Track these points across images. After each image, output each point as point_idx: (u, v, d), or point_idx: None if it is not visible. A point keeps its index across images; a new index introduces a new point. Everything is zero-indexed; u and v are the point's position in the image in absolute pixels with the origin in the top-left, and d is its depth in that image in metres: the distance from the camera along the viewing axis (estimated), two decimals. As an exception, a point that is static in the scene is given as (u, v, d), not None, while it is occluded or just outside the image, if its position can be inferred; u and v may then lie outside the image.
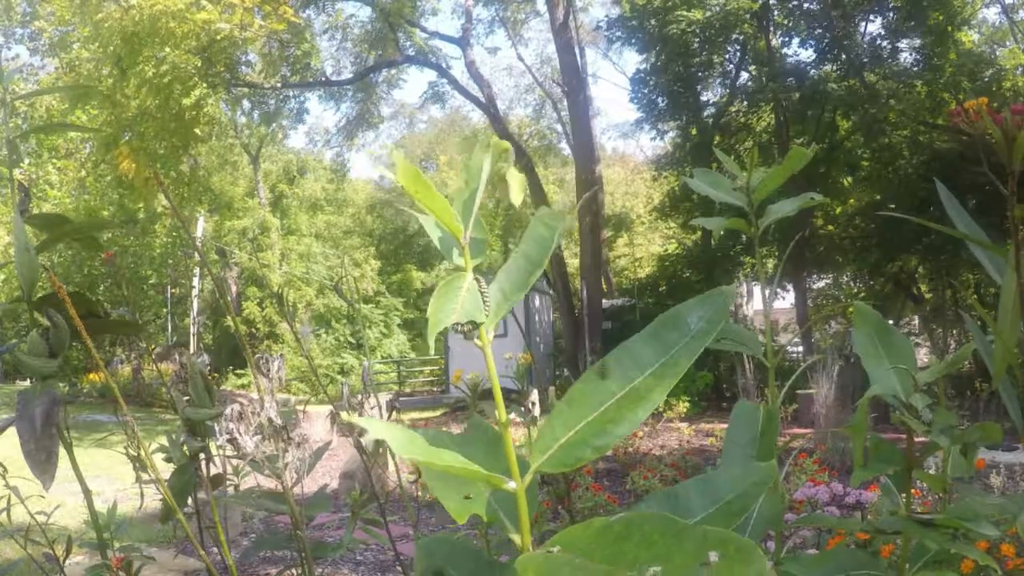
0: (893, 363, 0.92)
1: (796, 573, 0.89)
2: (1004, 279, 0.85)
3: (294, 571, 1.45)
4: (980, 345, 0.89)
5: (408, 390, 20.37)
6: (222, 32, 11.13)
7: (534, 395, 1.50)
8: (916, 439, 0.90)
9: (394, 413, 1.55)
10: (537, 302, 17.63)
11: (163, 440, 1.41)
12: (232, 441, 1.02)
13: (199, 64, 11.30)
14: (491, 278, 0.54)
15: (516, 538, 0.53)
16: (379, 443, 1.51)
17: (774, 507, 0.91)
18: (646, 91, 14.77)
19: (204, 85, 11.52)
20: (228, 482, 1.52)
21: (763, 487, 0.54)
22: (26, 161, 17.42)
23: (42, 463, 0.98)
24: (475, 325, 0.51)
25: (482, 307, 0.52)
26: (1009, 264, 0.83)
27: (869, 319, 0.99)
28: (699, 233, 15.68)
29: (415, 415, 13.06)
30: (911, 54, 13.50)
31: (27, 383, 1.07)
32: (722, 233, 12.54)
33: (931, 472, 1.14)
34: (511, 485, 0.52)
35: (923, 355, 12.22)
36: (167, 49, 10.78)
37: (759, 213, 1.08)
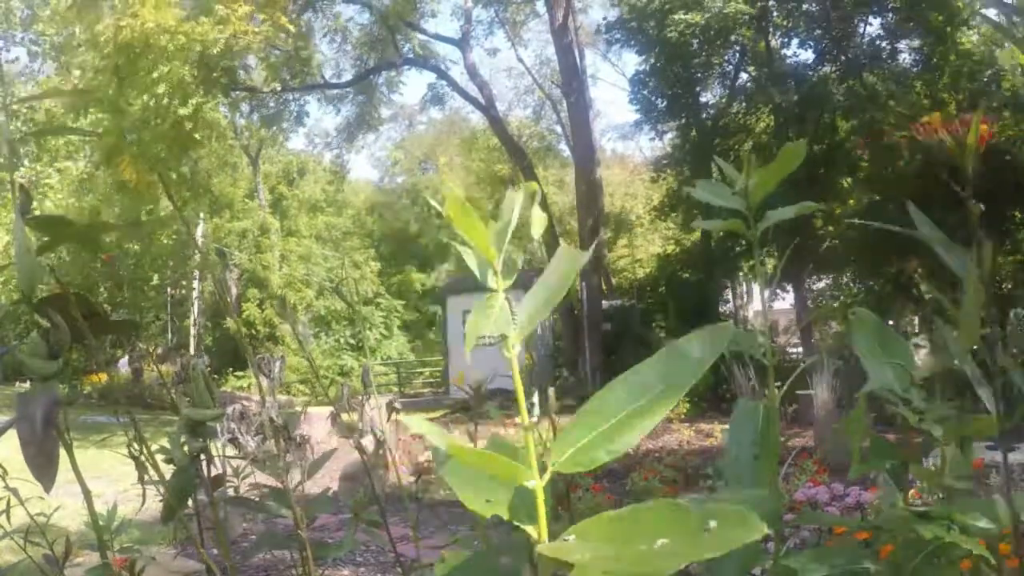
0: (891, 362, 0.94)
1: (795, 567, 0.89)
2: (966, 275, 0.91)
3: (295, 572, 1.45)
4: (948, 341, 0.92)
5: (410, 391, 20.37)
6: (217, 44, 11.15)
7: (534, 396, 1.49)
8: (913, 438, 0.91)
9: (393, 414, 1.55)
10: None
11: (165, 441, 1.41)
12: (233, 441, 1.02)
13: (195, 74, 11.31)
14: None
15: (532, 531, 0.60)
16: (380, 445, 1.51)
17: (773, 507, 0.91)
18: (645, 92, 14.79)
19: (201, 93, 11.53)
20: (229, 483, 1.52)
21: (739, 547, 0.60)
22: (26, 162, 17.43)
23: (42, 465, 0.98)
24: (504, 337, 0.60)
25: (511, 323, 0.60)
26: (970, 262, 0.90)
27: (868, 323, 1.02)
28: (698, 234, 15.68)
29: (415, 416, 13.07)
30: (910, 55, 13.52)
31: (28, 384, 1.08)
32: (721, 234, 12.56)
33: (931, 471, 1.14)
34: (531, 483, 0.58)
35: (923, 356, 12.19)
36: (161, 66, 10.81)
37: (757, 216, 1.09)
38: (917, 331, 14.25)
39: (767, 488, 0.93)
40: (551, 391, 2.13)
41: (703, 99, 15.76)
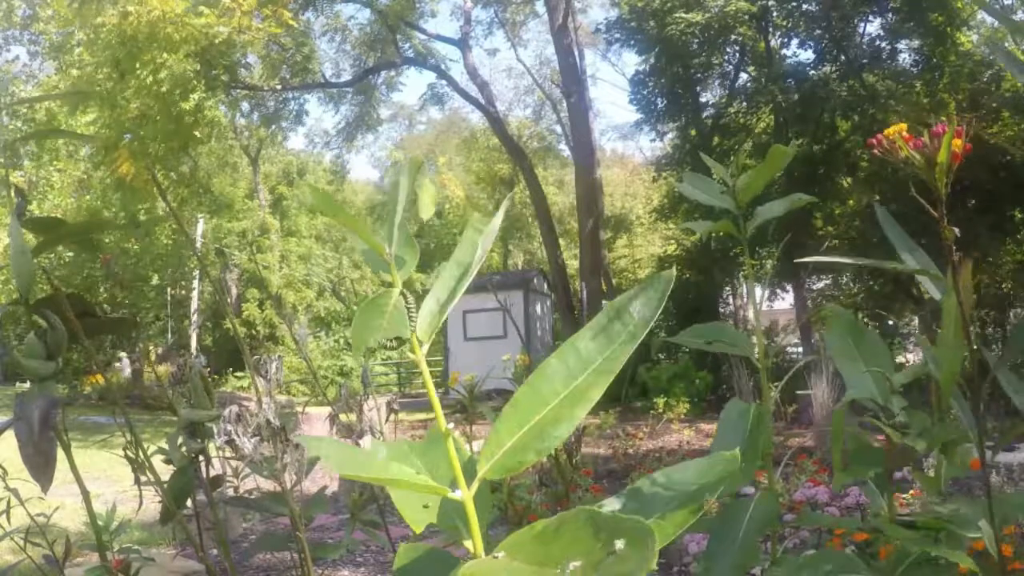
0: (868, 365, 0.93)
1: (784, 575, 0.89)
2: (944, 299, 0.86)
3: (295, 572, 1.45)
4: (928, 358, 0.89)
5: (410, 391, 20.36)
6: (220, 36, 11.14)
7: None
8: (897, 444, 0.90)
9: (392, 414, 1.55)
10: (536, 303, 17.64)
11: (165, 442, 1.41)
12: (230, 442, 1.02)
13: (197, 68, 11.31)
14: (496, 280, 0.54)
15: (469, 545, 0.54)
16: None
17: (769, 507, 0.91)
18: (645, 92, 14.79)
19: (203, 88, 11.52)
20: (228, 483, 1.52)
21: (725, 476, 0.55)
22: (26, 162, 17.43)
23: (40, 466, 0.98)
24: (401, 340, 0.51)
25: (408, 323, 0.52)
26: (948, 285, 0.84)
27: (842, 321, 1.00)
28: (698, 234, 15.67)
29: (415, 416, 13.06)
30: (910, 55, 13.52)
31: (27, 385, 1.08)
32: (720, 233, 12.51)
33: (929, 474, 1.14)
34: (457, 494, 0.52)
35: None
36: (165, 56, 10.78)
37: (747, 215, 1.09)
38: (918, 331, 14.25)
39: (747, 483, 0.92)
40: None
41: (703, 99, 15.76)
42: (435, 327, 0.52)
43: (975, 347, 0.84)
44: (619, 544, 0.44)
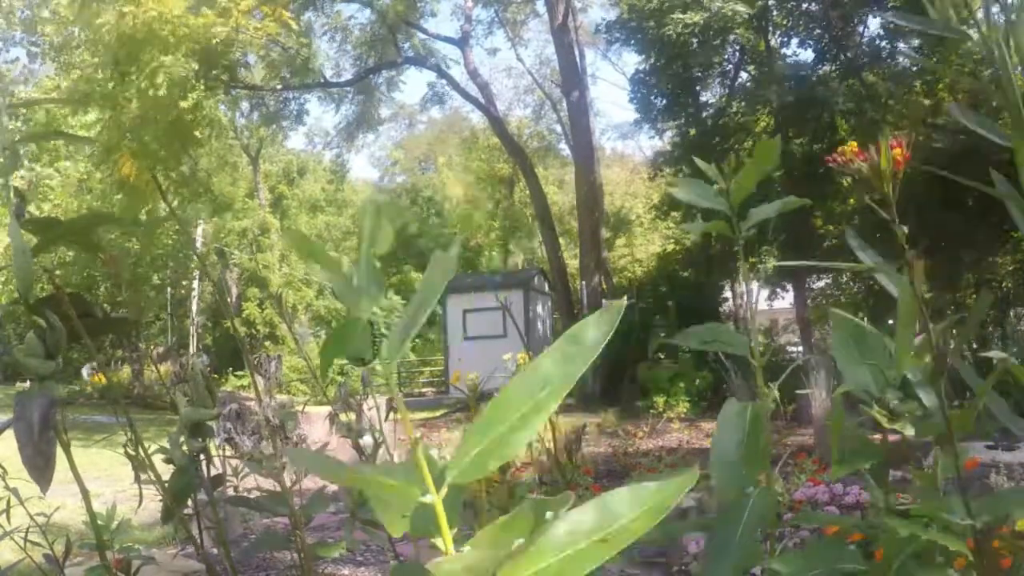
0: (867, 362, 0.95)
1: (782, 571, 0.89)
2: (899, 295, 0.95)
3: (295, 572, 1.45)
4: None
5: (411, 390, 20.38)
6: (219, 35, 11.14)
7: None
8: (897, 436, 0.92)
9: (392, 413, 1.55)
10: (537, 303, 17.65)
11: (166, 441, 1.41)
12: (230, 441, 1.02)
13: (196, 67, 11.30)
14: (497, 281, 0.57)
15: (439, 543, 0.59)
16: (378, 444, 1.51)
17: (768, 506, 0.91)
18: (645, 92, 14.79)
19: (202, 88, 11.52)
20: (228, 483, 1.52)
21: (682, 489, 0.61)
22: (26, 163, 17.42)
23: (39, 466, 0.98)
24: (364, 362, 0.57)
25: (369, 348, 0.59)
26: (903, 284, 0.94)
27: (846, 323, 1.02)
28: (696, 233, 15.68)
29: (415, 415, 13.07)
30: (910, 55, 13.53)
31: (27, 384, 1.08)
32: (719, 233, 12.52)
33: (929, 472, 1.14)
34: (428, 498, 0.56)
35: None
36: (163, 58, 10.78)
37: (741, 216, 1.09)
38: (918, 331, 14.25)
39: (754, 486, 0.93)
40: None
41: (703, 99, 15.76)
42: (399, 351, 0.57)
43: (932, 339, 0.94)
44: (548, 514, 0.52)
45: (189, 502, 1.44)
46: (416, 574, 0.61)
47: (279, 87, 14.72)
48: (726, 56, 14.62)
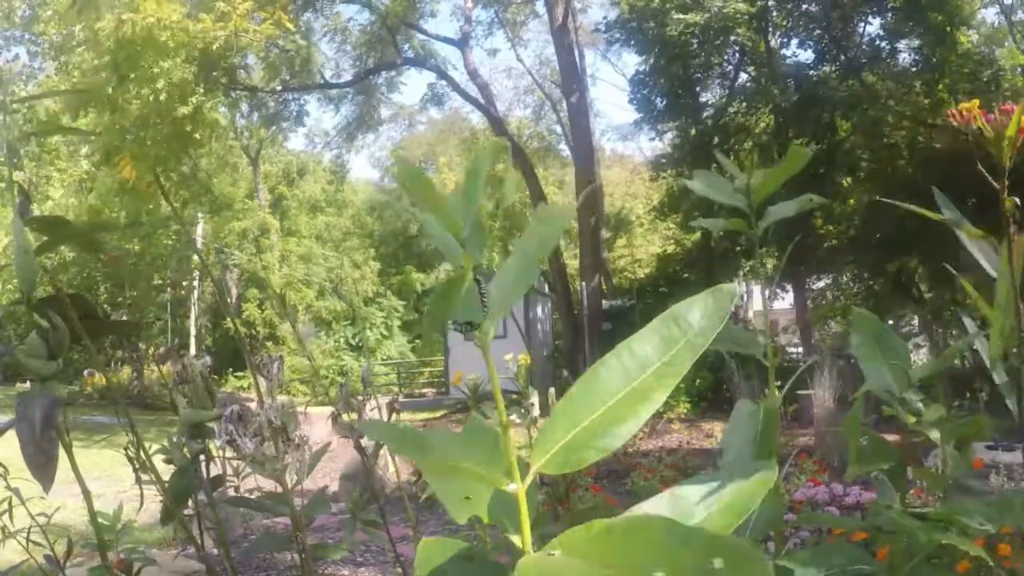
0: (889, 363, 0.94)
1: (792, 568, 0.89)
2: (999, 269, 0.91)
3: (295, 572, 1.45)
4: (977, 340, 0.92)
5: (411, 391, 20.36)
6: (218, 40, 11.13)
7: (534, 396, 1.50)
8: (912, 439, 0.92)
9: (394, 415, 1.55)
10: (537, 304, 17.63)
11: (166, 442, 1.41)
12: (231, 442, 1.02)
13: (195, 71, 11.30)
14: (489, 280, 0.53)
15: (516, 539, 0.53)
16: (379, 445, 1.51)
17: (775, 508, 0.91)
18: (645, 92, 14.79)
19: (201, 92, 11.52)
20: (228, 483, 1.52)
21: (765, 487, 0.55)
22: (26, 162, 17.41)
23: (41, 465, 0.98)
24: (473, 326, 0.51)
25: (481, 308, 0.51)
26: (1002, 256, 0.89)
27: (868, 323, 1.01)
28: (698, 234, 15.68)
29: (417, 416, 13.06)
30: (910, 54, 13.52)
31: (28, 385, 1.08)
32: (721, 233, 12.56)
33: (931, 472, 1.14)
34: (512, 487, 0.51)
35: (924, 356, 12.20)
36: (162, 64, 10.78)
37: (759, 214, 1.09)
38: (918, 331, 14.25)
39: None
40: (551, 391, 2.13)
41: (703, 99, 15.76)
42: (500, 316, 0.51)
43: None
44: (717, 563, 0.43)
45: (189, 503, 1.44)
46: (447, 548, 0.55)
47: (279, 88, 14.72)
48: (726, 56, 14.62)
